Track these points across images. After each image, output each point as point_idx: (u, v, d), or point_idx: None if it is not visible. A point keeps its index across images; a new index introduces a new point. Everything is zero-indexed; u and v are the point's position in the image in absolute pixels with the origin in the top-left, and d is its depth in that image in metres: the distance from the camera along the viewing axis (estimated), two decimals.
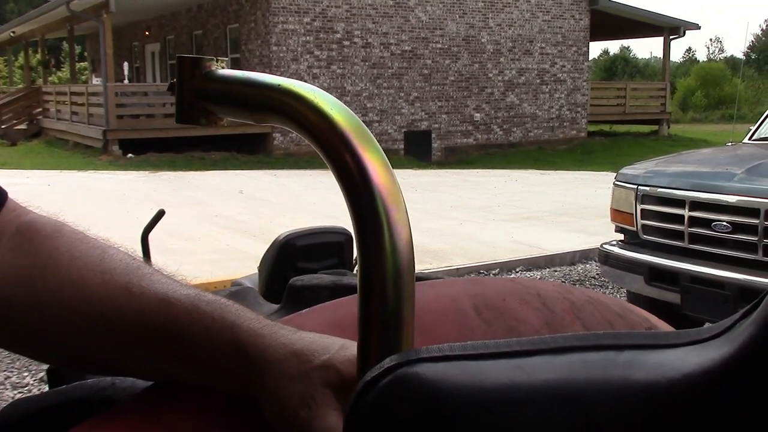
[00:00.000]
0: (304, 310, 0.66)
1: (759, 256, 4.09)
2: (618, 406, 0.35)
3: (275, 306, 2.08)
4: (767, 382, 0.31)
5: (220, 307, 0.57)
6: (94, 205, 9.61)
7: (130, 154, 16.26)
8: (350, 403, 0.39)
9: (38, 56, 28.40)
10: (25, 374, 4.42)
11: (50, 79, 29.50)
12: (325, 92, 0.48)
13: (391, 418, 0.37)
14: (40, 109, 23.05)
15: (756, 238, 4.08)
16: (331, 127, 0.46)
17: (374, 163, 0.45)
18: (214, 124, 0.55)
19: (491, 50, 20.06)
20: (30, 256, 0.59)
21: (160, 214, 2.88)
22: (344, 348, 0.54)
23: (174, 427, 0.54)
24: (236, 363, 0.54)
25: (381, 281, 0.45)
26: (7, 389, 4.22)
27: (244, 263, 5.92)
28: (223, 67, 0.54)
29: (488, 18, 19.90)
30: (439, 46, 19.23)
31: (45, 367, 4.44)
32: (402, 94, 18.77)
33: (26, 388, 4.25)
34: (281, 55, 17.09)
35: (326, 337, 0.55)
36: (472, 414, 0.36)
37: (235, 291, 2.36)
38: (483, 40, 19.89)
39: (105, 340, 0.57)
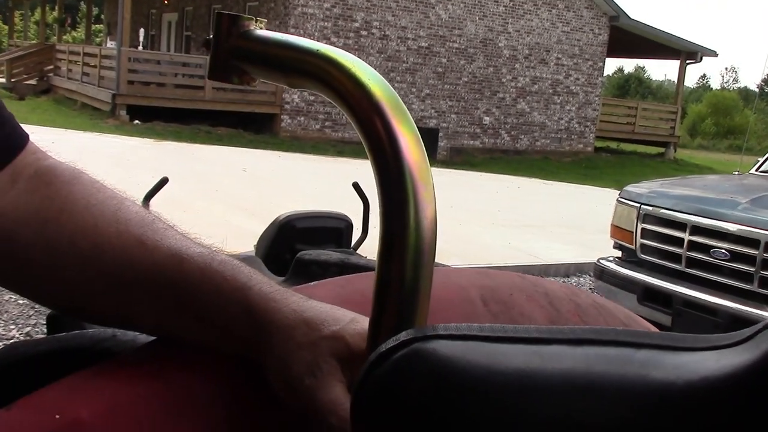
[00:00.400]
0: (312, 283, 0.65)
1: (754, 287, 4.09)
2: (633, 403, 0.34)
3: (280, 278, 2.08)
4: None
5: (233, 268, 0.56)
6: (97, 167, 9.53)
7: (136, 121, 16.23)
8: (362, 373, 0.38)
9: (55, 14, 28.33)
10: (12, 327, 4.42)
11: (64, 37, 29.41)
12: (363, 62, 0.47)
13: (402, 392, 0.37)
14: (51, 67, 22.99)
15: (753, 269, 4.09)
16: (366, 97, 0.45)
17: (407, 137, 0.45)
18: (246, 84, 0.54)
19: (507, 55, 20.03)
20: (46, 200, 0.58)
21: (163, 181, 2.88)
22: (355, 321, 0.53)
23: (174, 383, 0.54)
24: (244, 324, 0.54)
25: (401, 256, 0.45)
26: None
27: (241, 240, 5.90)
28: (261, 28, 0.53)
29: (508, 23, 19.86)
30: (456, 45, 19.20)
31: (31, 321, 4.42)
32: (414, 90, 18.75)
33: (11, 342, 4.25)
34: None
35: (337, 309, 0.55)
36: (484, 395, 0.35)
37: (243, 257, 2.36)
38: (500, 45, 19.86)
39: (113, 291, 0.57)
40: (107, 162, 10.57)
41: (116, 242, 0.57)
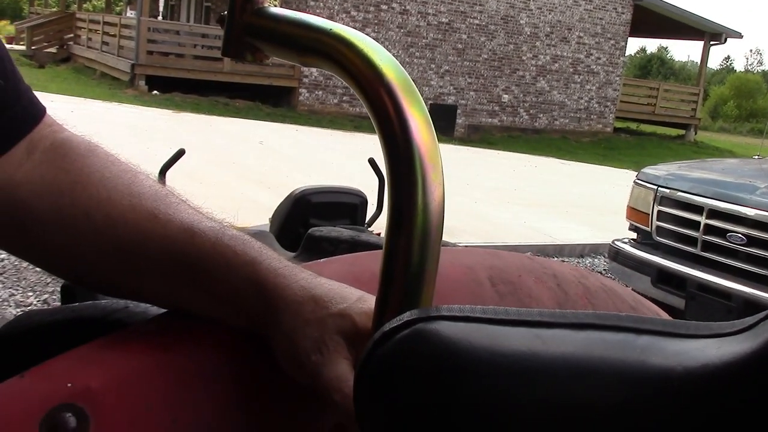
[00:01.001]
0: (322, 260, 0.66)
1: None
2: (632, 388, 0.35)
3: (291, 254, 2.09)
4: None
5: (243, 243, 0.57)
6: (115, 137, 9.60)
7: (155, 91, 16.25)
8: (365, 351, 0.39)
9: None
10: (30, 294, 4.48)
11: (85, 6, 29.41)
12: (376, 42, 0.47)
13: (405, 371, 0.37)
14: (71, 35, 23.02)
15: None
16: (378, 78, 0.46)
17: (417, 119, 0.45)
18: (259, 62, 0.54)
19: (528, 33, 19.83)
20: (61, 172, 0.59)
21: (180, 153, 2.90)
22: (362, 300, 0.54)
23: (184, 355, 0.55)
24: (253, 299, 0.55)
25: (408, 237, 0.45)
26: (11, 306, 4.28)
27: (256, 213, 5.93)
28: (275, 5, 0.53)
29: (530, 0, 19.64)
30: (476, 22, 19.02)
31: (48, 289, 4.47)
32: (433, 66, 18.63)
33: (29, 308, 4.30)
34: (318, 11, 16.95)
35: (345, 287, 0.55)
36: (486, 376, 0.36)
37: (254, 233, 2.38)
38: (521, 22, 19.66)
39: (126, 263, 0.58)
40: (125, 132, 10.61)
41: (130, 215, 0.58)
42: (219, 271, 0.56)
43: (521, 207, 9.20)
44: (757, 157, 6.04)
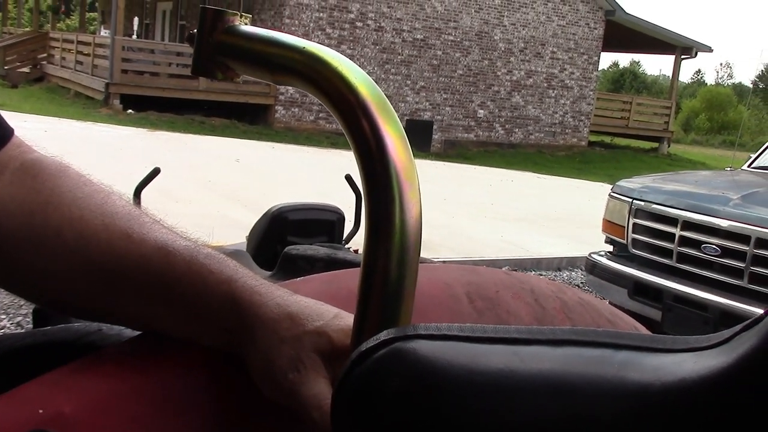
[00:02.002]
0: (299, 278, 0.65)
1: (744, 283, 4.11)
2: (610, 404, 0.35)
3: (267, 273, 2.08)
4: (766, 393, 0.31)
5: (218, 261, 0.56)
6: (89, 157, 9.55)
7: (130, 110, 16.16)
8: (343, 371, 0.39)
9: (48, 1, 28.14)
10: (2, 316, 4.41)
11: (58, 25, 29.25)
12: (350, 60, 0.47)
13: (382, 391, 0.37)
14: (45, 55, 22.86)
15: (743, 265, 4.10)
16: (353, 96, 0.45)
17: (393, 137, 0.45)
18: (230, 80, 0.54)
19: (502, 48, 20.01)
20: (32, 192, 0.58)
21: (155, 171, 2.88)
22: (339, 317, 0.54)
23: (159, 378, 0.54)
24: (229, 317, 0.54)
25: (386, 256, 0.45)
26: None
27: (233, 231, 5.90)
28: (246, 23, 0.53)
29: (503, 16, 19.83)
30: (451, 38, 19.17)
31: (22, 311, 4.40)
32: (408, 82, 18.72)
33: (1, 331, 4.24)
34: (293, 28, 16.99)
35: (321, 304, 0.55)
36: (464, 395, 0.36)
37: (229, 252, 2.36)
38: (495, 38, 19.83)
39: (99, 283, 0.57)
40: (100, 151, 10.53)
41: (103, 235, 0.57)
42: (194, 289, 0.55)
43: (498, 221, 9.25)
44: (729, 169, 6.13)
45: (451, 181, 12.88)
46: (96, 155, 9.99)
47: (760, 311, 0.35)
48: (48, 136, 11.26)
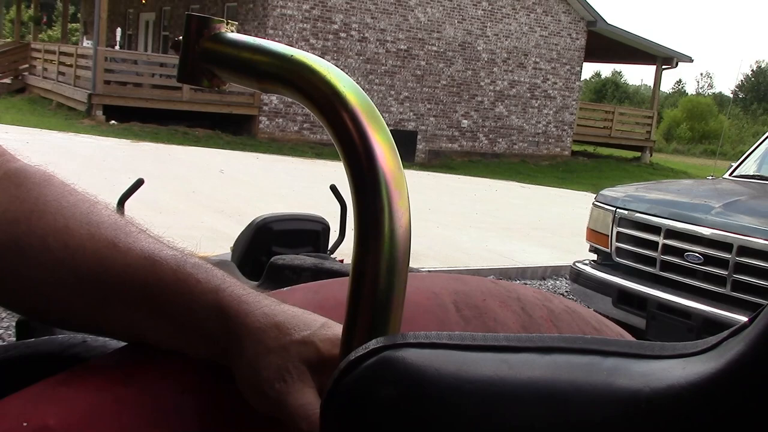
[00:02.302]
0: (286, 288, 0.65)
1: (727, 290, 4.14)
2: (599, 411, 0.35)
3: (254, 283, 2.07)
4: (755, 398, 0.31)
5: (206, 270, 0.56)
6: (72, 168, 9.50)
7: (113, 121, 16.08)
8: (332, 380, 0.38)
9: (30, 12, 27.99)
10: None
11: (40, 36, 29.10)
12: (338, 68, 0.47)
13: (371, 399, 0.37)
14: (26, 66, 22.73)
15: (726, 272, 4.14)
16: (342, 104, 0.45)
17: (382, 145, 0.45)
18: (216, 88, 0.53)
19: (486, 59, 20.11)
20: (16, 200, 0.57)
21: (139, 182, 2.86)
22: (326, 326, 0.53)
23: (144, 389, 0.53)
24: (216, 326, 0.54)
25: (376, 264, 0.45)
26: None
27: (218, 242, 5.88)
28: (232, 31, 0.52)
29: (486, 27, 19.95)
30: (434, 48, 19.25)
31: (4, 324, 4.35)
32: (393, 93, 18.77)
33: None
34: (276, 39, 16.98)
35: (309, 314, 0.55)
36: (453, 403, 0.35)
37: (215, 263, 2.35)
38: (479, 48, 19.94)
39: (84, 293, 0.56)
40: (83, 163, 10.47)
41: (88, 244, 0.56)
42: (181, 298, 0.54)
43: (483, 231, 9.27)
44: (711, 177, 6.18)
45: (435, 191, 12.91)
46: (79, 166, 9.92)
47: (743, 319, 0.36)
48: (30, 147, 11.13)
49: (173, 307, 0.55)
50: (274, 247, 2.81)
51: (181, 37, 0.52)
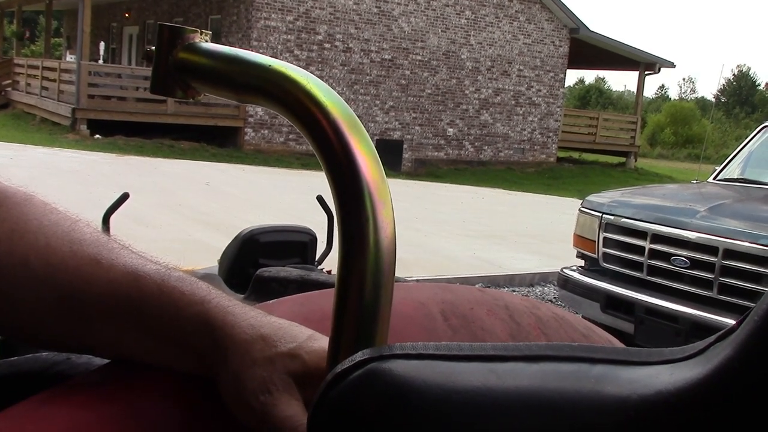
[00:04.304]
0: (272, 301, 0.65)
1: (714, 294, 4.16)
2: (588, 419, 0.34)
3: (240, 296, 2.06)
4: (742, 402, 0.31)
5: (190, 283, 0.56)
6: (57, 184, 9.44)
7: (98, 135, 16.01)
8: (318, 394, 0.38)
9: (13, 27, 27.85)
10: None
11: (23, 51, 28.97)
12: (318, 78, 0.46)
13: (358, 412, 0.36)
14: (9, 81, 22.60)
15: (712, 276, 4.16)
16: (323, 115, 0.45)
17: (364, 156, 0.45)
18: (191, 98, 0.52)
19: (470, 67, 20.20)
20: None
21: (124, 197, 2.85)
22: (312, 339, 0.53)
23: (130, 406, 0.53)
24: (201, 338, 0.53)
25: (361, 276, 0.44)
26: None
27: (205, 255, 5.85)
28: (206, 41, 0.52)
29: (470, 35, 20.04)
30: (419, 58, 19.31)
31: None
32: (378, 102, 18.80)
33: None
34: (261, 51, 16.93)
35: (295, 326, 0.54)
36: (441, 414, 0.35)
37: (202, 276, 2.33)
38: (463, 57, 20.02)
39: (68, 311, 0.56)
40: (67, 178, 10.41)
41: (70, 261, 0.56)
42: (166, 312, 0.54)
43: (471, 239, 9.28)
44: (695, 181, 6.22)
45: (422, 199, 12.92)
46: (63, 182, 9.87)
47: (731, 322, 0.36)
48: (13, 163, 11.11)
49: (158, 321, 0.54)
50: (261, 259, 2.80)
51: (153, 48, 0.52)
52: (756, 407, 0.31)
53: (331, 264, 2.93)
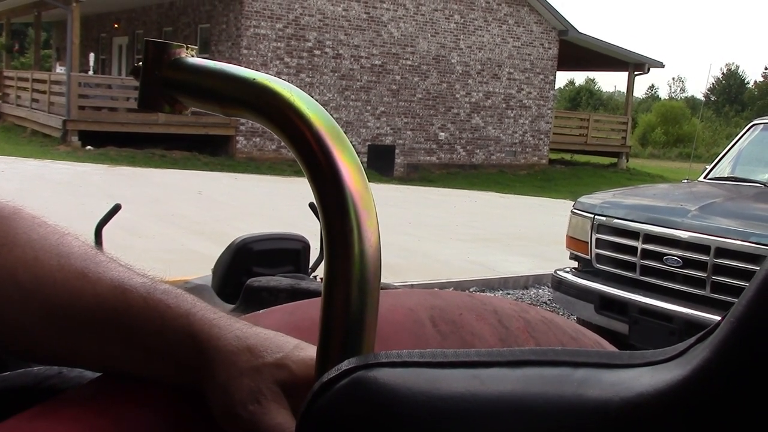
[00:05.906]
0: (261, 311, 0.65)
1: (707, 292, 4.18)
2: (571, 422, 0.35)
3: (230, 306, 2.06)
4: (720, 404, 0.31)
5: (176, 296, 0.56)
6: (48, 196, 9.41)
7: (89, 146, 15.98)
8: (305, 403, 0.38)
9: (2, 39, 27.79)
10: None
11: (12, 63, 28.89)
12: (301, 91, 0.47)
13: (345, 421, 0.37)
14: (0, 94, 22.57)
15: (705, 274, 4.17)
16: (306, 127, 0.45)
17: (348, 166, 0.45)
18: (178, 113, 0.53)
19: (460, 71, 20.24)
20: None
21: (116, 208, 2.84)
22: (299, 348, 0.53)
23: (121, 419, 0.53)
24: (188, 351, 0.53)
25: (346, 285, 0.45)
26: None
27: (198, 265, 5.84)
28: (192, 55, 0.52)
29: (459, 39, 20.09)
30: (409, 63, 19.35)
31: None
32: (369, 108, 18.82)
33: None
34: (251, 59, 17.01)
35: (281, 336, 0.55)
36: (426, 421, 0.36)
37: (191, 287, 2.33)
38: (453, 61, 20.06)
39: (55, 324, 0.56)
40: (59, 190, 10.39)
41: (58, 275, 0.56)
42: (152, 325, 0.54)
43: (464, 242, 9.29)
44: (686, 180, 6.25)
45: (415, 204, 12.93)
46: (55, 194, 9.84)
47: None
48: (4, 176, 11.08)
49: (144, 333, 0.54)
50: (254, 268, 2.80)
51: (140, 63, 0.52)
52: (732, 408, 0.31)
53: None
